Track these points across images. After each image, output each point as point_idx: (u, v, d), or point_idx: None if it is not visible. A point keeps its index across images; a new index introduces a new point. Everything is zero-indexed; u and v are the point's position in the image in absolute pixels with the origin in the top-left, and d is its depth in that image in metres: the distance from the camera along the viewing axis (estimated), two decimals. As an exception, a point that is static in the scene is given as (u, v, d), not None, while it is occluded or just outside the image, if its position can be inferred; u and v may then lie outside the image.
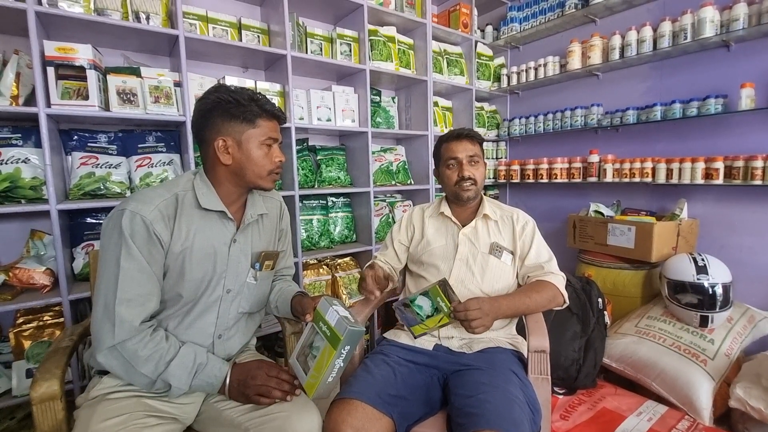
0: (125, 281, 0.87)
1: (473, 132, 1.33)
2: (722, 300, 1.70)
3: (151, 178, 1.73)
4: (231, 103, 0.96)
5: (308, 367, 0.95)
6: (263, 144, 1.00)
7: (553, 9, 2.51)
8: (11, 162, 1.49)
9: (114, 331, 0.86)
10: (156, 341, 0.90)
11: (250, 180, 1.01)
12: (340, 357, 0.90)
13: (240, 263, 1.05)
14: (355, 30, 2.26)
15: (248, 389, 0.94)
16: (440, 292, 1.08)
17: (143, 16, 1.65)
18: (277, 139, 1.03)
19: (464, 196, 1.30)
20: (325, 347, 0.92)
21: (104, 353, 0.87)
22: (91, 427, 0.83)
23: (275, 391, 0.93)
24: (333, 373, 0.91)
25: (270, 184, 1.04)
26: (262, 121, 0.99)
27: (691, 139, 2.10)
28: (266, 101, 1.00)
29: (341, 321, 0.90)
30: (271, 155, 1.02)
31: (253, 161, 0.99)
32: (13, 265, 1.52)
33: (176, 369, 0.90)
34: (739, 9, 1.77)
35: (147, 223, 0.89)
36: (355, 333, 0.89)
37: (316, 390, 0.91)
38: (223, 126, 0.97)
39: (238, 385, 0.95)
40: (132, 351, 0.87)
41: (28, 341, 1.51)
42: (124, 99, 1.63)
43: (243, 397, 0.95)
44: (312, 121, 2.15)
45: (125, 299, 0.87)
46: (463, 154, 1.29)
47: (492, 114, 3.07)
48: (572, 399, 1.70)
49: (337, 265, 2.36)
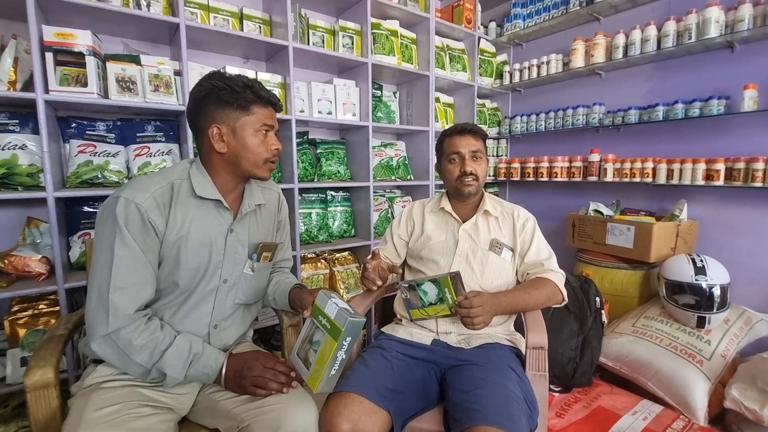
0: (119, 269, 0.86)
1: (477, 127, 1.32)
2: (720, 301, 1.70)
3: (149, 168, 1.71)
4: (225, 89, 0.94)
5: (309, 362, 0.94)
6: (258, 131, 0.98)
7: (557, 6, 2.49)
8: (8, 148, 1.48)
9: (108, 320, 0.85)
10: (150, 330, 0.89)
11: (245, 168, 0.99)
12: (341, 349, 0.89)
13: (237, 253, 1.04)
14: (358, 23, 2.24)
15: (244, 380, 0.93)
16: (450, 284, 1.09)
17: (144, 3, 1.64)
18: (273, 126, 1.01)
19: (465, 191, 1.30)
20: (326, 340, 0.91)
21: (98, 342, 0.86)
22: (86, 415, 0.82)
23: (271, 383, 0.92)
24: (335, 366, 0.90)
25: (266, 173, 1.02)
26: (257, 107, 0.97)
27: (693, 139, 2.09)
28: (261, 87, 0.98)
29: (341, 312, 0.90)
30: (266, 143, 1.00)
31: (248, 149, 0.97)
32: (9, 253, 1.50)
33: (171, 358, 0.90)
34: (745, 10, 1.76)
35: (142, 210, 0.88)
36: (356, 324, 0.89)
37: (319, 384, 0.90)
38: (217, 113, 0.95)
39: (234, 375, 0.94)
40: (126, 340, 0.86)
41: (23, 329, 1.50)
42: (123, 87, 1.61)
43: (239, 388, 0.94)
44: (313, 114, 2.14)
45: (119, 287, 0.86)
46: (465, 149, 1.29)
47: (493, 111, 3.06)
48: (568, 397, 1.70)
49: (336, 259, 2.35)
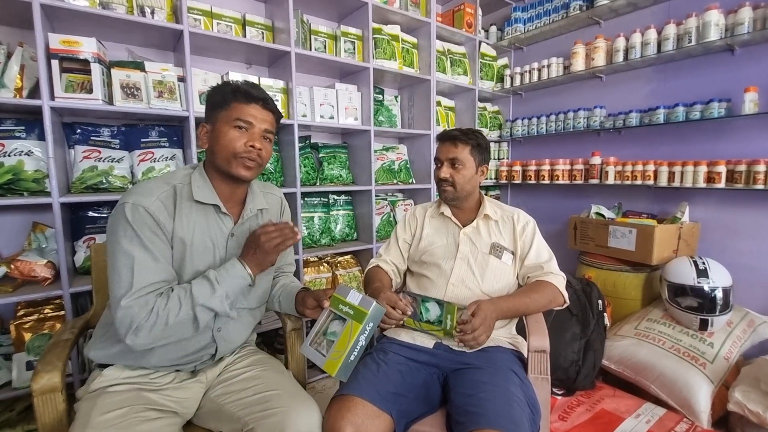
0: (141, 270, 0.87)
1: (459, 134, 1.29)
2: (722, 304, 1.70)
3: (153, 173, 1.73)
4: (217, 91, 1.00)
5: (325, 352, 0.96)
6: (234, 126, 0.96)
7: (558, 10, 2.50)
8: (14, 154, 1.49)
9: (134, 317, 0.85)
10: (165, 296, 0.89)
11: (219, 164, 0.99)
12: (363, 333, 0.92)
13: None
14: (360, 28, 2.26)
15: (264, 253, 0.96)
16: (455, 312, 1.11)
17: (148, 11, 1.66)
18: (252, 123, 0.97)
19: (442, 196, 1.34)
20: (348, 326, 0.94)
21: (131, 337, 0.86)
22: (93, 419, 0.83)
23: (285, 241, 0.96)
24: (356, 351, 0.92)
25: (241, 170, 0.98)
26: (236, 103, 0.97)
27: (694, 142, 2.10)
28: (246, 84, 0.99)
29: (365, 299, 0.95)
30: (241, 138, 0.97)
31: (219, 143, 0.97)
32: (15, 258, 1.52)
33: (199, 290, 0.91)
34: (745, 13, 1.77)
35: (150, 212, 0.90)
36: (379, 309, 0.94)
37: (338, 368, 0.91)
38: (208, 114, 1.01)
39: (254, 258, 0.97)
40: (152, 320, 0.86)
41: (29, 334, 1.51)
42: (127, 93, 1.63)
43: (268, 257, 0.97)
44: (315, 119, 2.15)
45: (141, 288, 0.87)
46: (444, 155, 1.30)
47: (494, 114, 3.07)
48: (571, 400, 1.70)
49: (338, 262, 2.36)
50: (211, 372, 1.07)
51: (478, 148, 1.30)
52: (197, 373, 1.05)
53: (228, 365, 1.10)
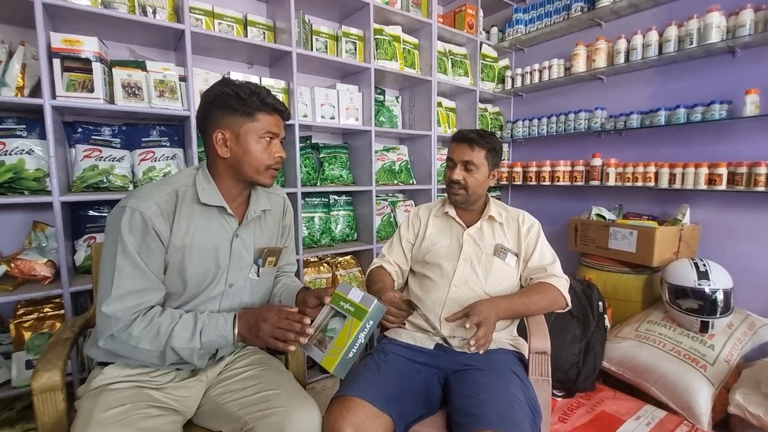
0: (120, 278, 0.88)
1: (476, 137, 1.27)
2: (723, 306, 1.70)
3: (154, 172, 1.73)
4: (231, 95, 0.95)
5: (325, 347, 0.94)
6: (262, 138, 0.98)
7: (559, 12, 2.50)
8: (15, 153, 1.49)
9: (111, 324, 0.87)
10: (149, 318, 0.90)
11: (247, 174, 1.00)
12: (363, 331, 0.91)
13: (243, 259, 1.05)
14: (361, 29, 2.26)
15: (261, 332, 0.92)
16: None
17: (150, 10, 1.66)
18: (278, 134, 1.02)
19: (452, 198, 1.32)
20: (348, 323, 0.93)
21: (105, 340, 0.89)
22: (95, 416, 0.83)
23: (288, 334, 0.90)
24: (355, 348, 0.91)
25: (268, 180, 1.03)
26: (262, 114, 0.98)
27: (695, 144, 2.10)
28: (268, 94, 0.99)
29: (366, 296, 0.94)
30: (269, 150, 1.00)
31: (250, 155, 0.98)
32: (15, 256, 1.52)
33: (180, 332, 0.90)
34: (746, 15, 1.77)
35: (146, 218, 0.89)
36: (380, 308, 0.93)
37: (336, 364, 0.90)
38: (223, 119, 0.97)
39: (249, 329, 0.94)
40: (127, 335, 0.88)
41: (29, 332, 1.51)
42: (129, 92, 1.63)
43: (257, 340, 0.93)
44: (315, 119, 2.15)
45: (119, 295, 0.88)
46: (458, 157, 1.28)
47: (495, 116, 3.07)
48: (571, 402, 1.70)
49: (338, 263, 2.36)
50: (212, 371, 1.06)
51: (493, 152, 1.29)
52: (197, 371, 1.04)
53: (228, 364, 1.10)
